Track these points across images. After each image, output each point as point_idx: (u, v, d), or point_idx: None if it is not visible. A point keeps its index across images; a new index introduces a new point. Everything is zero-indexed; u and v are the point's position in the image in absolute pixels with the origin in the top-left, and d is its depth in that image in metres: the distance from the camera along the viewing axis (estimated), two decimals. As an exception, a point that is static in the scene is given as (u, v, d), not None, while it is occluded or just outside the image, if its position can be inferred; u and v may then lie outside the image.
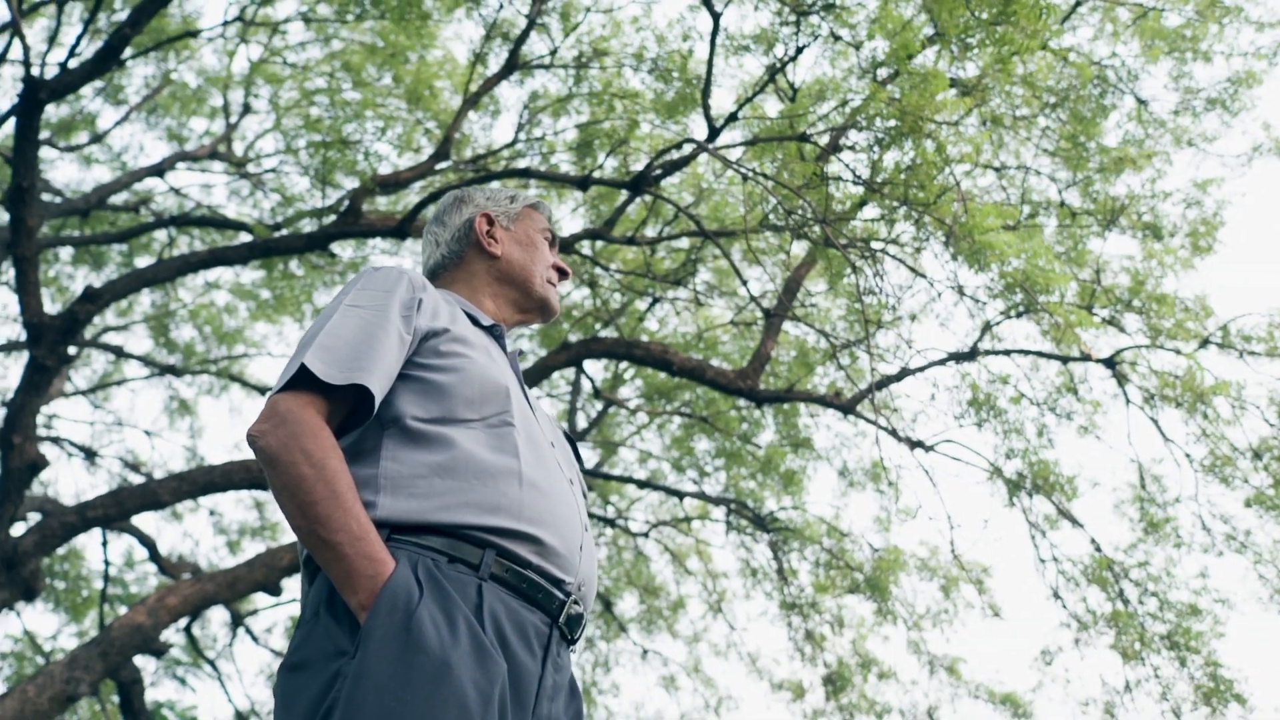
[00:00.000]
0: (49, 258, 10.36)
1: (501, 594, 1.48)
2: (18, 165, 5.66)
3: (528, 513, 1.54)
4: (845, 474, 8.70)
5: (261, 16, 8.79)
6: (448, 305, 1.78)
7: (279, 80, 9.58)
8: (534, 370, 6.84)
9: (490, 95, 8.06)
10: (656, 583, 11.60)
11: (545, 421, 1.80)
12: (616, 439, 10.71)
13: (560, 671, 1.54)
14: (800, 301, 9.09)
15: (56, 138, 9.82)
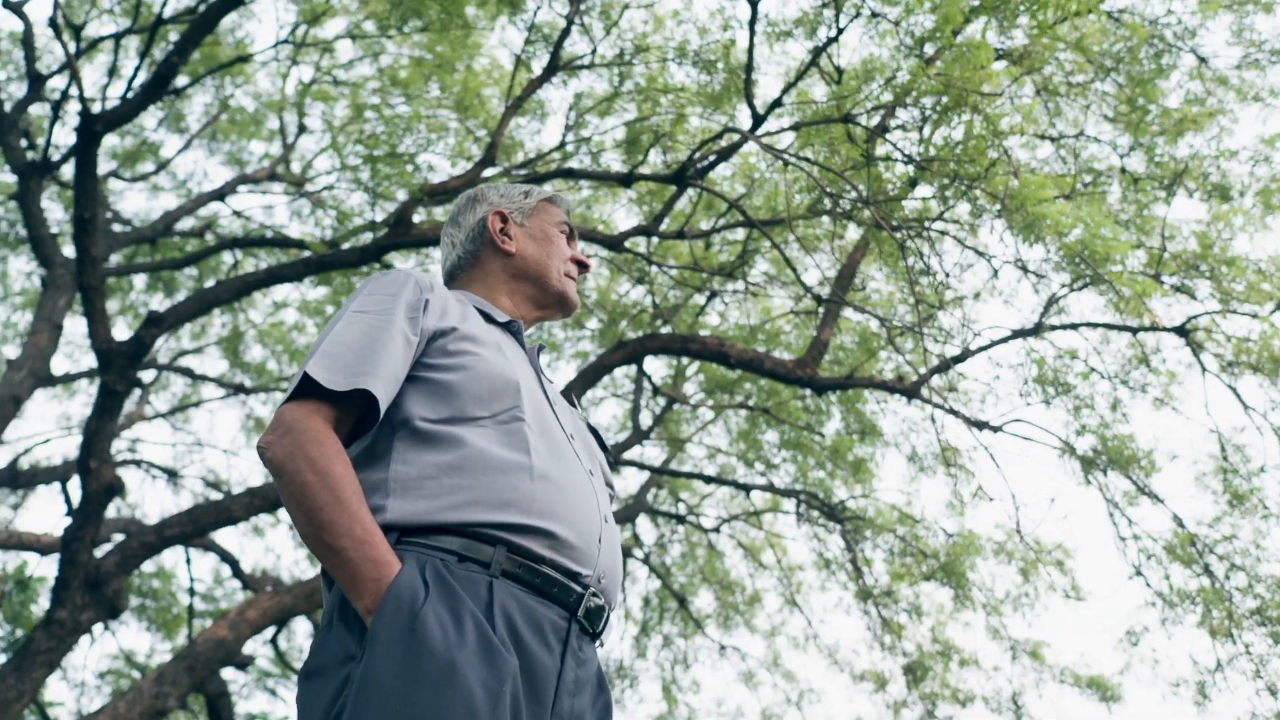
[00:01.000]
0: (123, 285, 10.68)
1: (515, 590, 1.47)
2: (79, 197, 5.82)
3: (539, 506, 1.52)
4: (915, 459, 8.55)
5: (311, 37, 8.94)
6: (459, 304, 1.78)
7: (331, 98, 9.74)
8: (591, 369, 6.85)
9: (536, 99, 8.08)
10: (731, 578, 11.54)
11: (566, 414, 1.78)
12: (682, 435, 10.67)
13: (583, 666, 1.52)
14: (858, 286, 8.97)
15: (123, 168, 10.12)
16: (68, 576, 6.15)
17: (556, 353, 10.81)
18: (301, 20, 8.64)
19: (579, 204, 9.63)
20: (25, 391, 7.52)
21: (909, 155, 5.78)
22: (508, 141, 8.65)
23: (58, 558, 6.36)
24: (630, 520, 10.35)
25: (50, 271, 7.96)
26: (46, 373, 7.89)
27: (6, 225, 10.18)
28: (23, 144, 8.52)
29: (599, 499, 1.63)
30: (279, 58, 9.45)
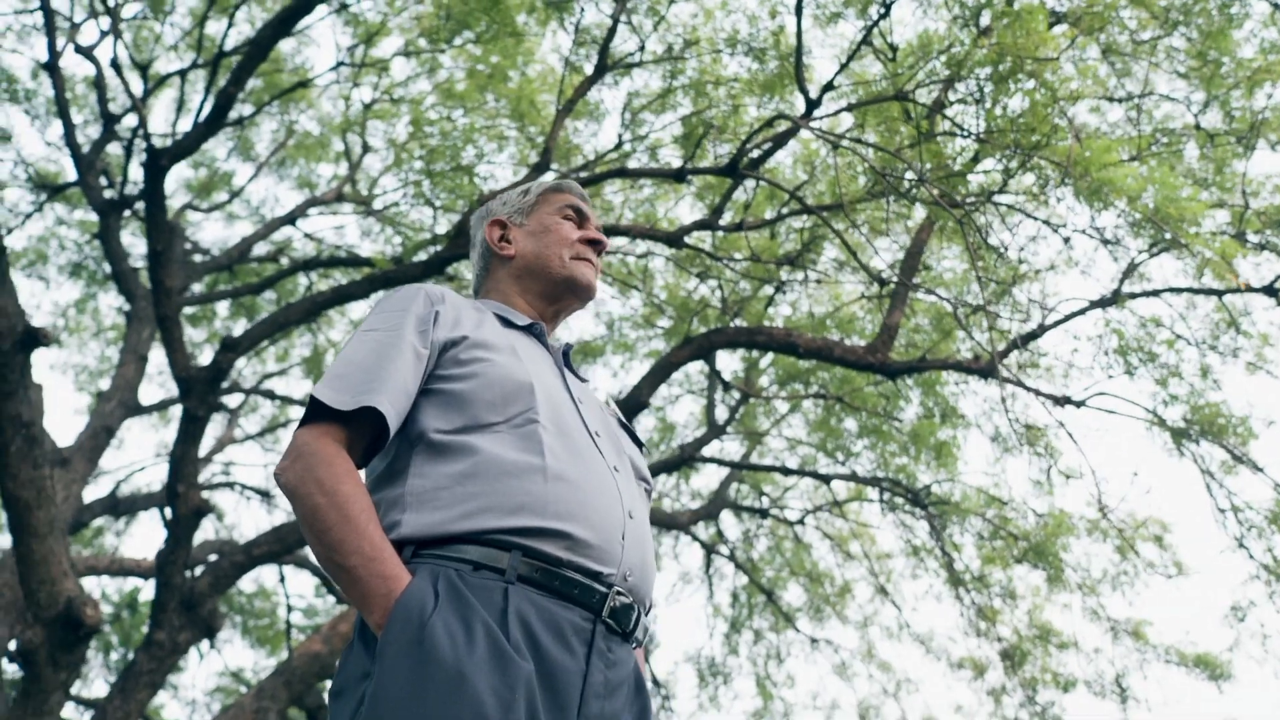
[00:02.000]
0: (207, 313, 11.00)
1: (532, 594, 1.44)
2: (150, 231, 6.00)
3: (554, 508, 1.49)
4: (998, 440, 8.33)
5: (368, 58, 9.08)
6: (475, 312, 1.77)
7: (392, 117, 9.88)
8: (659, 368, 6.82)
9: (590, 101, 8.08)
10: (820, 570, 11.41)
11: (594, 412, 1.76)
12: (760, 429, 10.58)
13: (615, 668, 1.48)
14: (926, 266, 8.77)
15: (198, 199, 10.42)
16: (164, 599, 6.34)
17: (629, 353, 10.82)
18: (358, 41, 8.78)
19: (640, 203, 9.62)
20: (116, 421, 7.78)
21: (967, 129, 5.63)
22: (564, 145, 8.67)
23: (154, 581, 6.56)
24: (713, 517, 10.30)
25: (133, 304, 8.22)
26: (135, 402, 8.16)
27: (94, 263, 10.56)
28: (101, 182, 8.82)
29: (622, 496, 1.59)
30: (339, 80, 9.63)
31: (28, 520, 5.51)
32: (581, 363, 10.89)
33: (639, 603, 1.55)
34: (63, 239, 10.60)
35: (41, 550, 5.58)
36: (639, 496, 1.68)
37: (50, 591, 5.64)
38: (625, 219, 9.27)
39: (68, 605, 5.65)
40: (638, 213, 9.49)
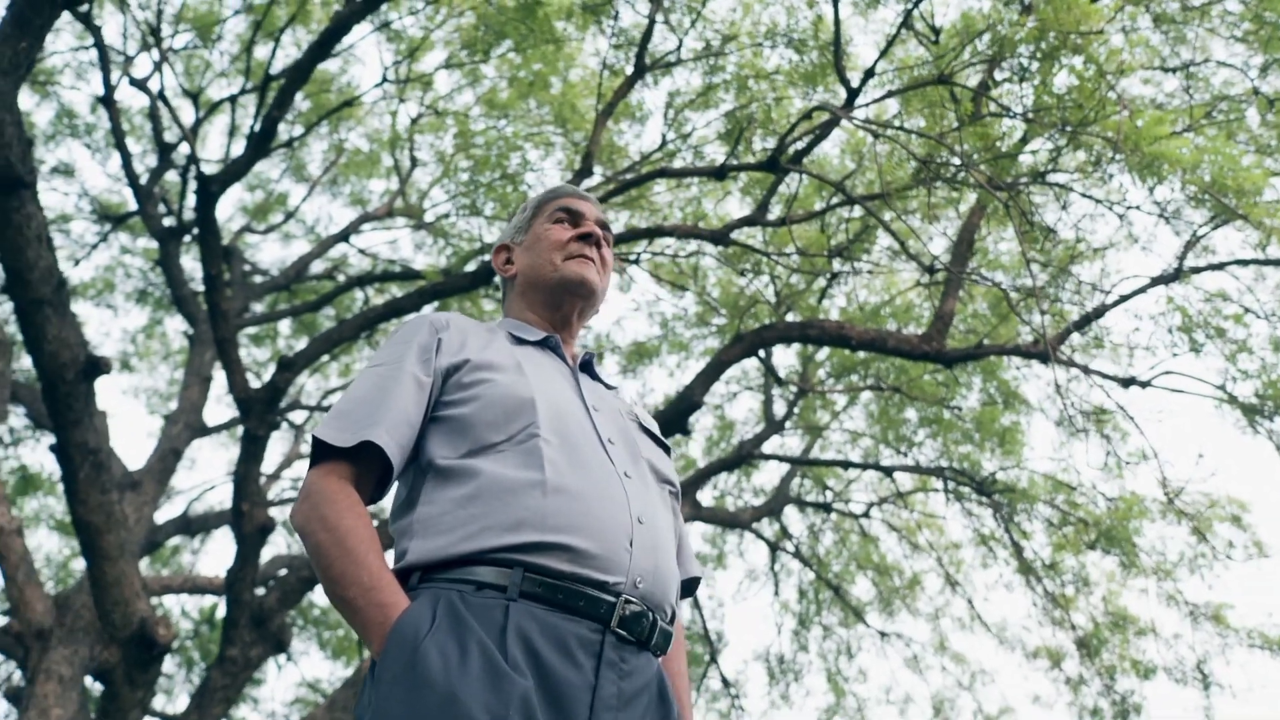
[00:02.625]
0: (270, 333, 11.21)
1: (536, 610, 1.43)
2: (205, 255, 6.12)
3: (553, 521, 1.48)
4: (1063, 424, 8.14)
5: (411, 73, 9.17)
6: (485, 334, 1.79)
7: (439, 129, 9.97)
8: (710, 367, 6.78)
9: (633, 102, 8.07)
10: (888, 562, 11.26)
11: (610, 418, 1.74)
12: (819, 422, 10.48)
13: (630, 678, 1.45)
14: (986, 249, 8.60)
15: (255, 222, 10.62)
16: (235, 615, 6.47)
17: (685, 352, 10.78)
18: (400, 58, 8.87)
19: (689, 202, 9.58)
20: (182, 443, 7.96)
21: (1011, 109, 5.50)
22: (607, 148, 8.67)
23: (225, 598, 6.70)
24: (775, 513, 10.23)
25: (195, 328, 8.41)
26: (200, 424, 8.34)
27: (158, 289, 10.82)
28: (160, 210, 9.04)
29: (631, 502, 1.56)
30: (385, 96, 9.74)
31: (99, 544, 5.65)
32: (637, 364, 10.89)
33: (656, 609, 1.53)
34: (128, 267, 10.89)
35: (113, 572, 5.72)
36: (656, 501, 1.65)
37: (124, 612, 5.79)
38: (674, 218, 9.25)
39: (141, 625, 5.79)
40: (686, 211, 9.47)
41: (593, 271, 1.88)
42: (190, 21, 9.17)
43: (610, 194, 6.54)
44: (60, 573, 11.12)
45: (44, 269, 5.01)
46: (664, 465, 1.77)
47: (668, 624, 1.56)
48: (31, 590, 7.02)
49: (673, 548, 1.62)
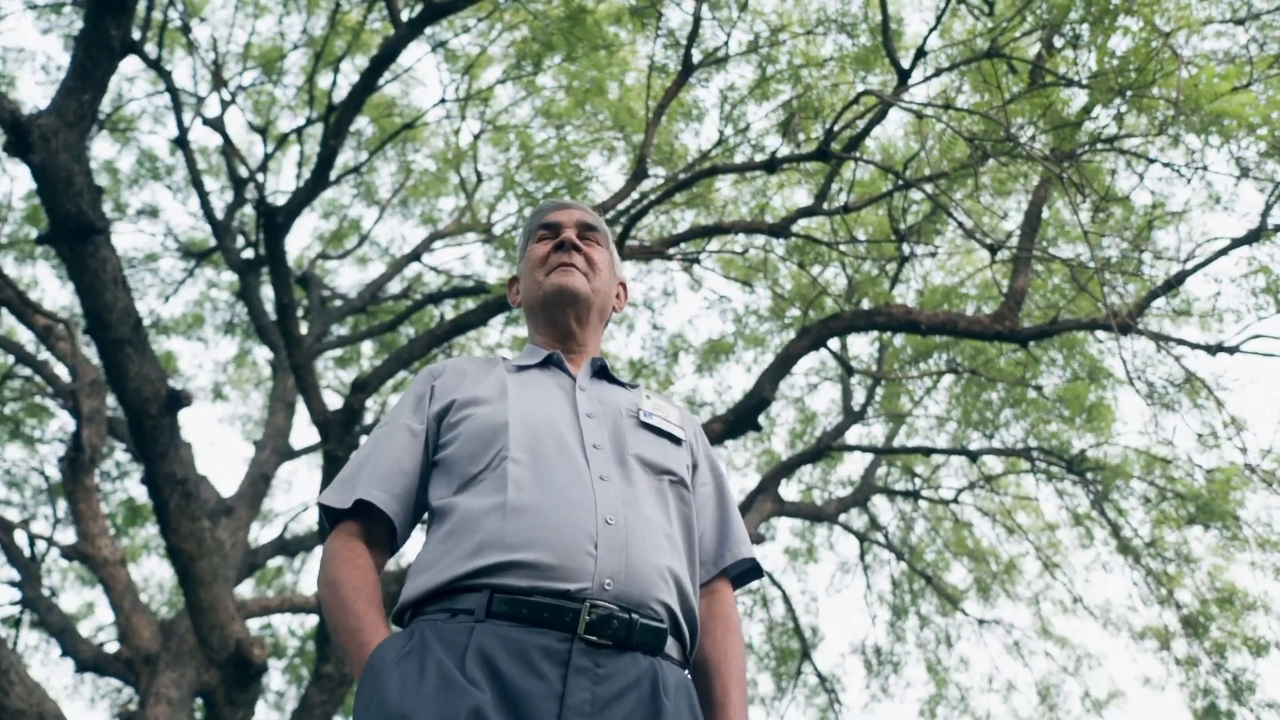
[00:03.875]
0: (354, 355, 11.48)
1: (502, 628, 1.45)
2: (276, 285, 6.31)
3: (510, 540, 1.52)
4: (1153, 396, 7.85)
5: (470, 90, 9.31)
6: (482, 370, 1.85)
7: (501, 143, 10.09)
8: (778, 362, 6.73)
9: (689, 101, 8.06)
10: (983, 548, 11.03)
11: (602, 422, 1.74)
12: (901, 409, 10.30)
13: (606, 682, 1.44)
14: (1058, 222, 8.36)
15: (330, 248, 10.90)
16: (327, 632, 6.64)
17: (761, 347, 10.70)
18: (457, 75, 9.00)
19: (755, 194, 9.52)
20: (271, 468, 8.20)
21: (1072, 77, 5.34)
22: (665, 149, 8.67)
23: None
24: (861, 504, 10.09)
25: (277, 355, 8.65)
26: (287, 448, 8.58)
27: (246, 321, 11.17)
28: (239, 243, 9.33)
29: (600, 504, 1.57)
30: (448, 115, 9.90)
31: (192, 570, 5.86)
32: (715, 362, 10.84)
33: (635, 607, 1.51)
34: (214, 300, 11.27)
35: (208, 597, 5.92)
36: (643, 497, 1.64)
37: (220, 635, 5.99)
38: (740, 213, 9.20)
39: (237, 647, 5.98)
40: (751, 205, 9.42)
41: (572, 277, 1.88)
42: (255, 59, 9.45)
43: (664, 195, 6.54)
44: (172, 598, 11.55)
45: (121, 310, 5.22)
46: (663, 457, 1.74)
47: (656, 620, 1.53)
48: (138, 617, 7.32)
49: (660, 541, 1.60)
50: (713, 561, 1.80)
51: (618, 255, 2.07)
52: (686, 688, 1.54)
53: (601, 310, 1.95)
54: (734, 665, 1.70)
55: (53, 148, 4.73)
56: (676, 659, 1.59)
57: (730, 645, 1.72)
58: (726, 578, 1.81)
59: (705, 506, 1.82)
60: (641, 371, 10.49)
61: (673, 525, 1.66)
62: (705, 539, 1.80)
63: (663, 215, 9.33)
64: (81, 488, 7.48)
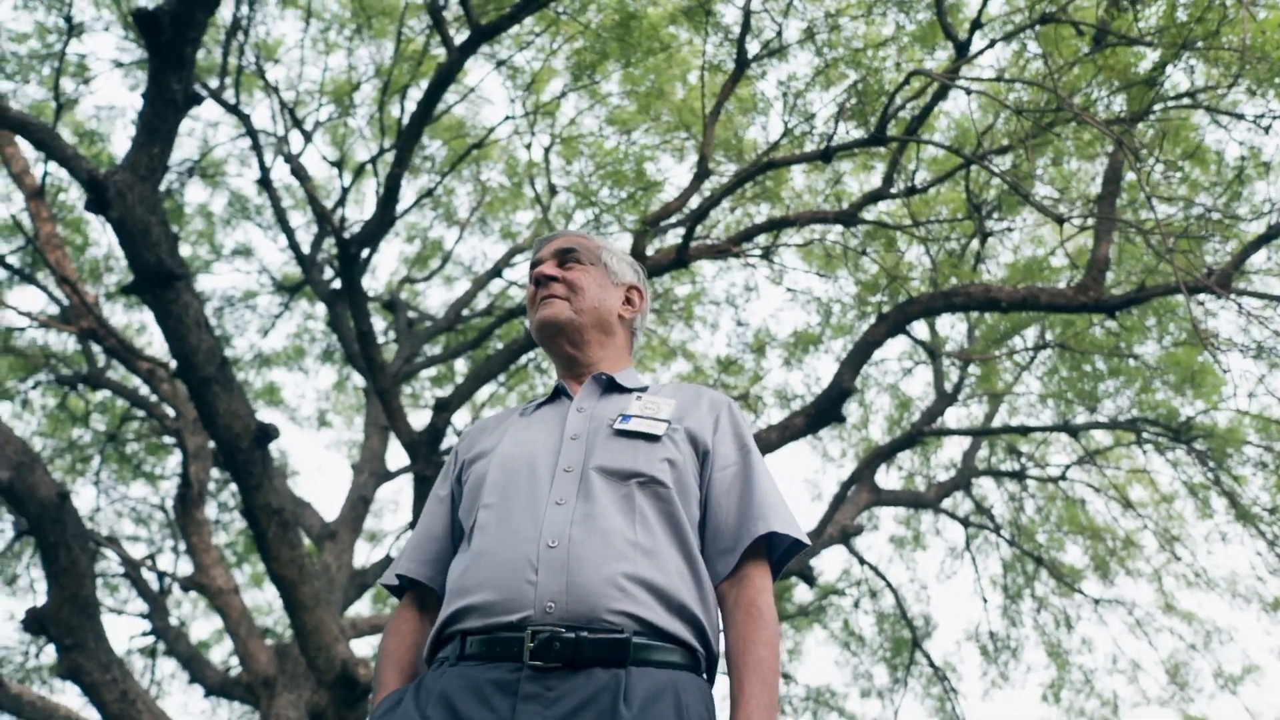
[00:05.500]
0: (448, 373, 11.71)
1: (467, 668, 1.53)
2: (354, 313, 6.48)
3: (467, 584, 1.61)
4: (1262, 356, 7.48)
5: (535, 103, 9.41)
6: (493, 425, 1.93)
7: (572, 154, 10.18)
8: (856, 351, 6.63)
9: (743, 95, 8.00)
10: (1097, 525, 10.65)
11: (581, 442, 1.75)
12: (999, 388, 10.03)
13: (557, 704, 1.46)
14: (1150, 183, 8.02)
15: (415, 270, 11.14)
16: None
17: (848, 336, 10.53)
18: (519, 91, 9.11)
19: (831, 182, 9.39)
20: (370, 491, 8.42)
21: (1133, 36, 5.12)
22: (730, 145, 8.62)
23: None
24: (962, 487, 9.86)
25: (367, 381, 8.87)
26: (383, 470, 8.81)
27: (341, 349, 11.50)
28: (327, 274, 9.62)
29: (545, 530, 1.59)
30: (517, 131, 10.02)
31: (295, 596, 6.06)
32: (802, 354, 10.72)
33: (583, 623, 1.51)
34: (311, 331, 11.64)
35: (312, 621, 6.11)
36: (603, 510, 1.62)
37: (327, 657, 6.17)
38: (815, 201, 9.09)
39: (343, 667, 6.16)
40: (828, 193, 9.30)
41: (550, 307, 1.91)
42: (329, 94, 9.72)
43: (723, 194, 6.50)
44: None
45: (206, 350, 5.43)
46: (631, 461, 1.70)
47: (611, 632, 1.51)
48: (254, 643, 7.60)
49: (619, 550, 1.58)
50: (733, 546, 1.69)
51: (624, 263, 2.04)
52: (673, 692, 1.49)
53: (601, 324, 1.94)
54: (752, 654, 1.59)
55: (129, 202, 4.95)
56: (676, 662, 1.55)
57: (750, 633, 1.61)
58: (759, 560, 1.69)
59: (728, 491, 1.73)
60: (729, 368, 10.45)
61: (644, 529, 1.62)
62: (726, 524, 1.70)
63: (738, 210, 9.30)
64: (193, 521, 7.81)
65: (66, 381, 9.88)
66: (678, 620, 1.57)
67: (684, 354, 10.72)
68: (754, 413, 10.10)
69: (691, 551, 1.66)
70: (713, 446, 1.78)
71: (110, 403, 10.76)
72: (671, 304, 10.56)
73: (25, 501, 6.33)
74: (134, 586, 10.04)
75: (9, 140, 8.02)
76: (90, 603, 6.65)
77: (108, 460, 10.94)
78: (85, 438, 11.13)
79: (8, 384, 10.56)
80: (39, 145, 5.31)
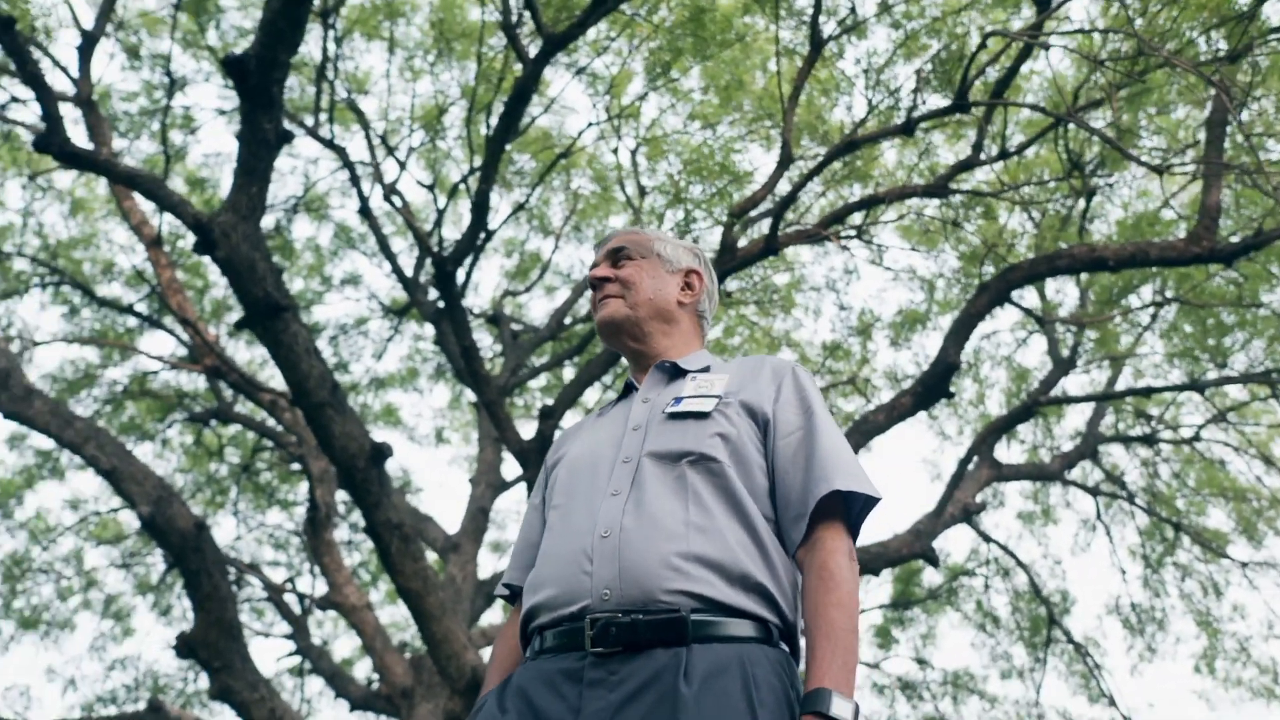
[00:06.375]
0: (557, 380, 11.89)
1: (541, 662, 1.61)
2: (455, 330, 6.65)
3: (536, 583, 1.70)
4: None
5: (615, 107, 9.48)
6: (575, 430, 2.01)
7: (658, 154, 10.21)
8: (960, 323, 6.49)
9: (823, 77, 7.91)
10: (1240, 486, 10.16)
11: (640, 431, 1.77)
12: (1121, 350, 9.66)
13: (620, 686, 1.49)
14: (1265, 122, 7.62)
15: (515, 283, 11.34)
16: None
17: (955, 310, 10.29)
18: (602, 95, 9.19)
19: (923, 154, 9.21)
20: (488, 501, 8.61)
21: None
22: (816, 128, 8.52)
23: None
24: (1087, 456, 9.52)
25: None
26: (500, 481, 8.99)
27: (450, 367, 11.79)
28: (430, 296, 9.87)
29: (600, 521, 1.65)
30: (602, 136, 10.11)
31: (422, 607, 6.24)
32: (909, 333, 10.52)
33: (638, 607, 1.54)
34: (423, 351, 11.96)
35: (440, 630, 6.29)
36: (654, 495, 1.64)
37: (457, 664, 6.34)
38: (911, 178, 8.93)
39: (473, 674, 6.32)
40: (921, 167, 9.12)
41: (607, 307, 1.96)
42: (419, 119, 9.99)
43: (808, 178, 6.44)
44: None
45: (318, 376, 5.64)
46: (680, 441, 1.71)
47: (668, 612, 1.53)
48: (390, 656, 7.85)
49: (673, 530, 1.59)
50: (802, 512, 1.66)
51: (679, 249, 2.04)
52: (739, 665, 1.49)
53: (660, 314, 1.95)
54: (823, 617, 1.55)
55: (233, 241, 5.19)
56: (745, 636, 1.54)
57: (821, 596, 1.57)
58: (830, 522, 1.64)
59: (793, 458, 1.70)
60: (835, 353, 10.33)
61: (698, 507, 1.63)
62: (794, 491, 1.67)
63: (830, 194, 9.19)
64: (323, 542, 8.12)
65: (199, 419, 10.37)
66: (742, 593, 1.57)
67: (788, 343, 10.64)
68: (864, 396, 9.96)
69: (753, 523, 1.64)
70: (774, 415, 1.76)
71: (241, 435, 11.26)
72: (771, 294, 10.49)
73: (166, 533, 6.69)
74: (277, 610, 10.49)
75: (126, 194, 8.48)
76: (234, 626, 6.98)
77: (244, 490, 11.45)
78: (221, 471, 11.67)
79: (146, 426, 11.15)
80: (148, 196, 5.61)
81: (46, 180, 10.17)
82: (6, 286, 10.14)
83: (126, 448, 7.11)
